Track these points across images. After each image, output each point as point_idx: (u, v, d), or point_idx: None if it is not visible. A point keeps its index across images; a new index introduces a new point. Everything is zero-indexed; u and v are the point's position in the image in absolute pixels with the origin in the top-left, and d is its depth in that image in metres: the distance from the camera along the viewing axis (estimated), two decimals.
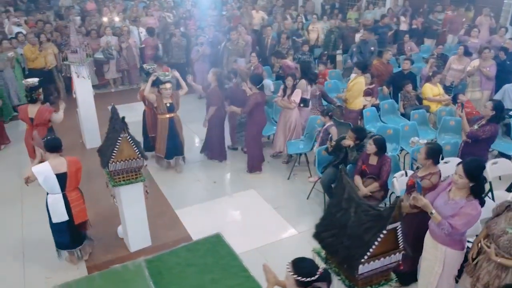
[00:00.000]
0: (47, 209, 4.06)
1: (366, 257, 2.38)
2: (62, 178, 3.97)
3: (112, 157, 3.94)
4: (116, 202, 4.46)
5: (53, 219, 4.06)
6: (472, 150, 4.84)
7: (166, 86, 5.84)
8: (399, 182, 4.38)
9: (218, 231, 4.49)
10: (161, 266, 4.05)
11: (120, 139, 3.91)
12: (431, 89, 7.12)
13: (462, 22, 10.86)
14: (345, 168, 2.83)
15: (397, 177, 4.43)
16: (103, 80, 9.91)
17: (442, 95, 7.19)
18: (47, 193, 4.04)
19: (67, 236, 4.18)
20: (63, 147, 4.12)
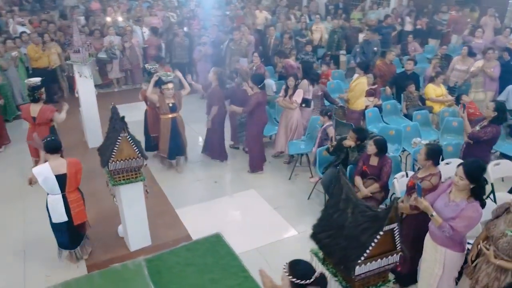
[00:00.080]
0: (47, 209, 4.08)
1: (362, 258, 2.37)
2: (61, 179, 3.99)
3: (112, 156, 3.95)
4: (116, 201, 4.47)
5: (52, 219, 4.09)
6: (474, 151, 4.80)
7: (168, 86, 5.84)
8: (399, 183, 4.36)
9: (218, 231, 4.49)
10: (161, 265, 4.05)
11: (119, 138, 3.92)
12: (434, 89, 7.08)
13: (467, 22, 10.79)
14: (343, 169, 2.83)
15: (398, 178, 4.42)
16: (107, 79, 9.94)
17: (445, 96, 7.14)
18: (47, 193, 4.06)
19: (66, 237, 4.20)
20: (65, 146, 4.15)
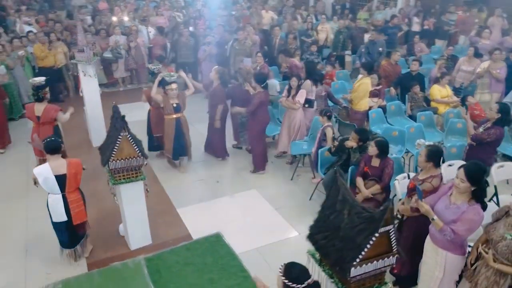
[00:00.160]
0: (48, 208, 4.11)
1: (358, 259, 2.35)
2: (61, 179, 4.01)
3: (112, 155, 3.97)
4: (117, 200, 4.49)
5: (53, 219, 4.12)
6: (477, 153, 4.74)
7: (172, 86, 5.86)
8: (400, 185, 4.33)
9: (219, 230, 4.49)
10: (160, 264, 4.05)
11: (120, 137, 3.94)
12: (439, 90, 7.01)
13: (474, 23, 10.68)
14: (340, 170, 2.81)
15: (399, 180, 4.38)
16: (112, 78, 10.00)
17: (450, 97, 7.07)
18: (48, 193, 4.09)
19: (66, 236, 4.23)
20: (69, 145, 4.17)
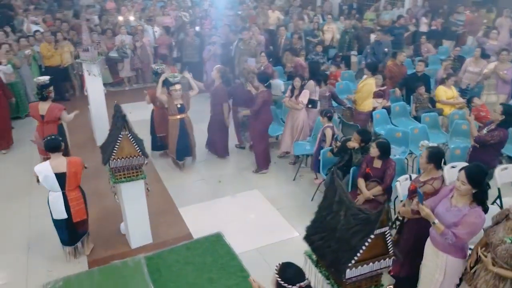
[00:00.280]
0: (49, 205, 4.15)
1: (353, 261, 2.34)
2: (61, 177, 4.04)
3: (113, 154, 3.99)
4: (117, 199, 4.51)
5: (53, 216, 4.16)
6: (480, 155, 4.68)
7: (175, 87, 5.87)
8: (402, 186, 4.30)
9: (220, 230, 4.50)
10: (160, 263, 4.08)
11: (120, 136, 3.96)
12: (445, 91, 6.94)
13: (482, 23, 10.57)
14: (337, 171, 2.80)
15: (401, 181, 4.35)
16: (118, 78, 10.06)
17: (456, 98, 6.99)
18: (49, 191, 4.12)
19: (66, 233, 4.27)
20: (74, 144, 4.20)
